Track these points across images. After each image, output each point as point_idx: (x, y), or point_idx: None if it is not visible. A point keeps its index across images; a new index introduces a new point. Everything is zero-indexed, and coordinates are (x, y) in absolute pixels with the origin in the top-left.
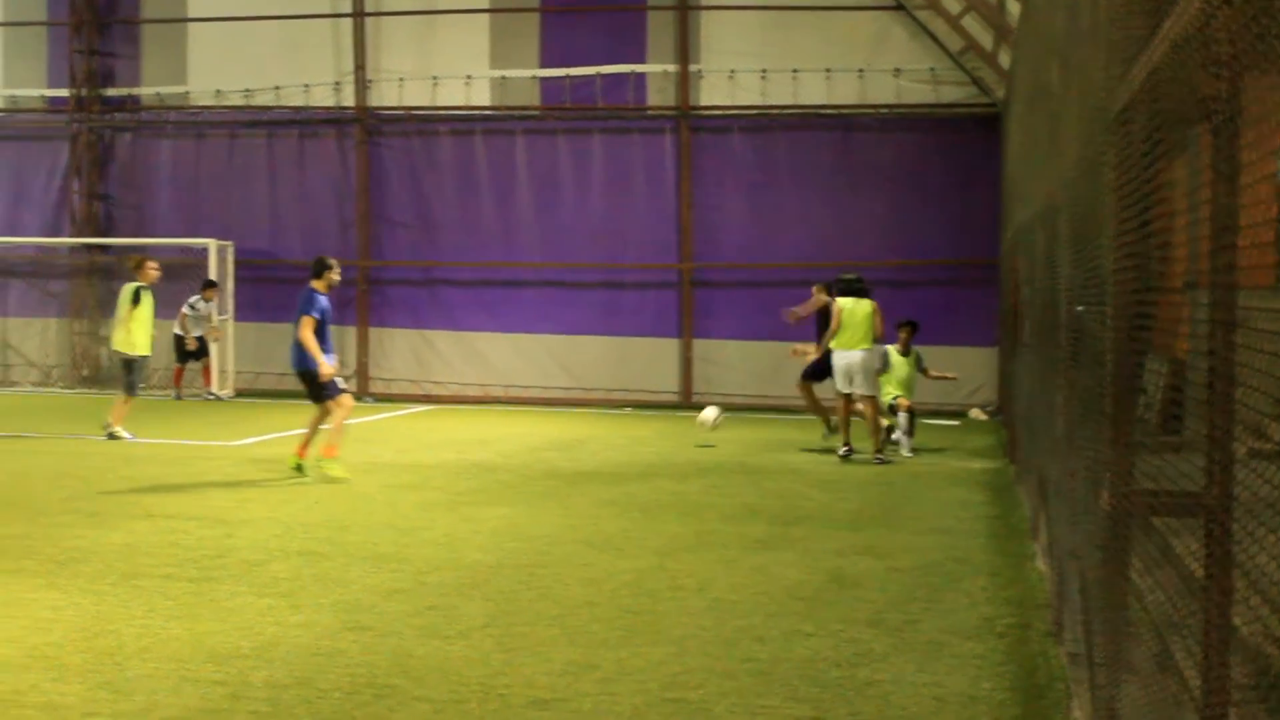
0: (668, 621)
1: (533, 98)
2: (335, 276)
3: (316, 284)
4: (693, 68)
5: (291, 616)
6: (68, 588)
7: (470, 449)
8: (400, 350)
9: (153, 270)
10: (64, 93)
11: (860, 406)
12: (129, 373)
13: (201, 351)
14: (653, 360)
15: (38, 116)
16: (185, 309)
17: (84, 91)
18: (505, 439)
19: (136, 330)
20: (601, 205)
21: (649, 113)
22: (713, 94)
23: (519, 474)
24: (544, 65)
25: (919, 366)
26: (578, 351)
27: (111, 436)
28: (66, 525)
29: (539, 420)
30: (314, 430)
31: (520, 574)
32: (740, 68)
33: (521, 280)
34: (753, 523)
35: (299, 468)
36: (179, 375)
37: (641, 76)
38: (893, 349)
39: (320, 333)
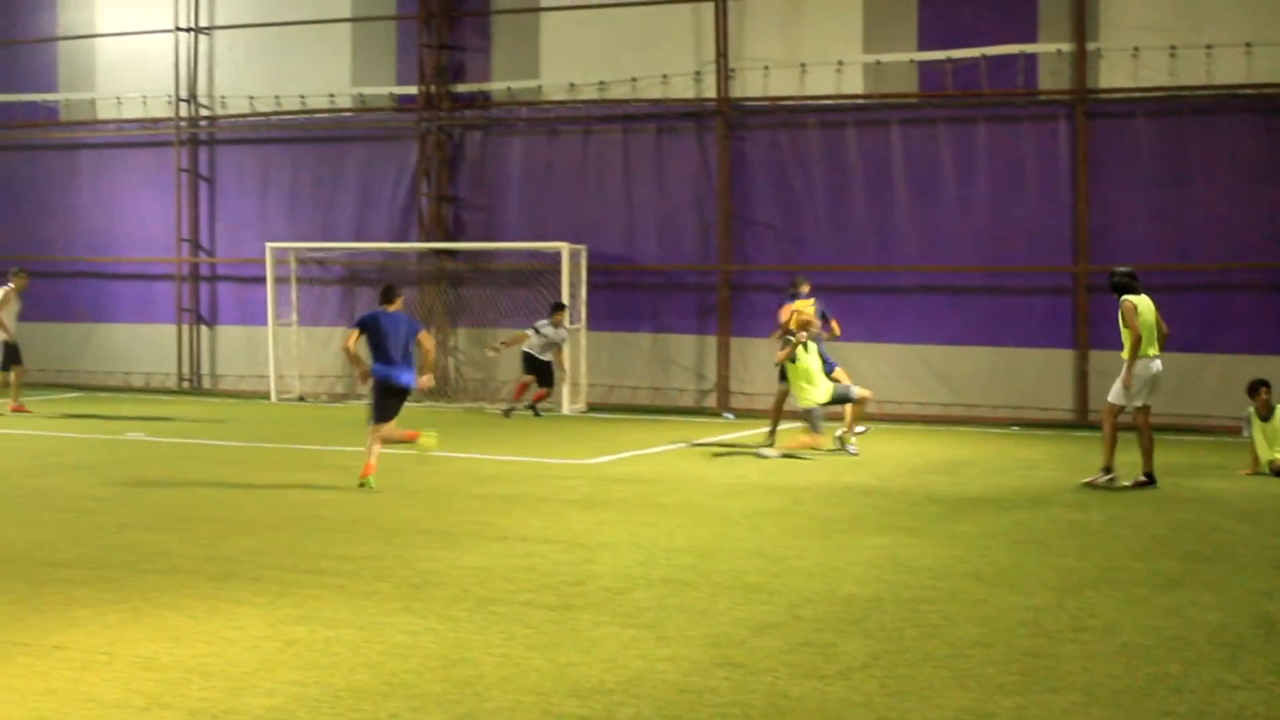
0: (1070, 666)
1: (910, 84)
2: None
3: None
4: (1090, 46)
5: (657, 649)
6: (424, 612)
7: (842, 470)
8: (763, 362)
9: None
10: (413, 90)
11: (1118, 420)
12: None
13: (546, 379)
14: (1043, 374)
15: (386, 115)
16: (530, 332)
17: (433, 88)
18: (880, 460)
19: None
20: (986, 202)
21: (1041, 98)
22: (1113, 75)
23: (897, 499)
24: (922, 48)
25: None
26: (959, 364)
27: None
28: (419, 546)
29: (916, 439)
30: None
31: (903, 609)
32: (1145, 44)
33: (897, 286)
34: (1163, 558)
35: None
36: (521, 390)
37: (1032, 57)
38: (1250, 413)
39: (382, 347)
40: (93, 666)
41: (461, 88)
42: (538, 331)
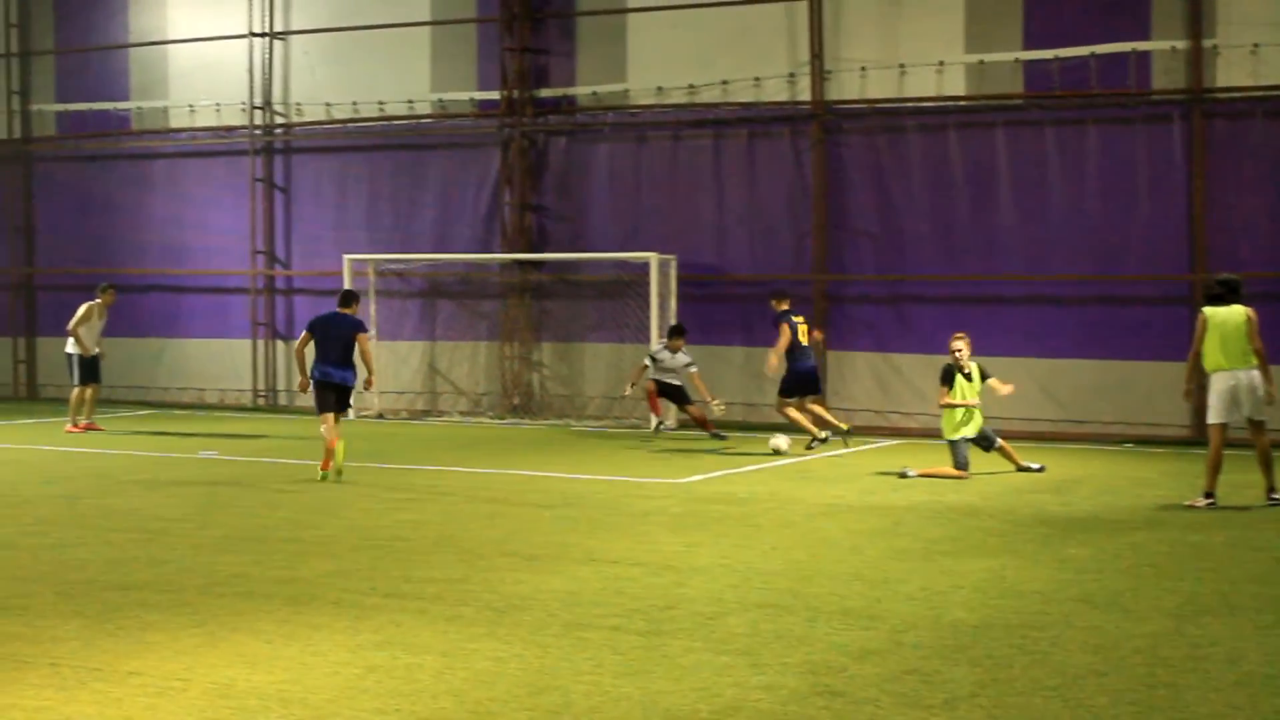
0: (1190, 696)
1: (1015, 84)
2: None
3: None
4: (1207, 43)
5: (753, 678)
6: (509, 638)
7: (945, 490)
8: (862, 376)
9: None
10: (495, 95)
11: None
12: None
13: (683, 398)
14: (1157, 388)
15: (467, 122)
16: (647, 363)
17: (516, 93)
18: (985, 479)
19: None
20: (1096, 207)
21: (1154, 98)
22: (1231, 73)
23: (1003, 519)
24: (1028, 46)
25: None
26: (1068, 378)
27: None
28: (503, 569)
29: (1023, 457)
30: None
31: (1012, 636)
32: (1266, 40)
33: (1002, 296)
34: None
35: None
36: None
37: (1145, 55)
38: None
39: (321, 346)
40: (168, 693)
41: (545, 92)
42: (654, 360)
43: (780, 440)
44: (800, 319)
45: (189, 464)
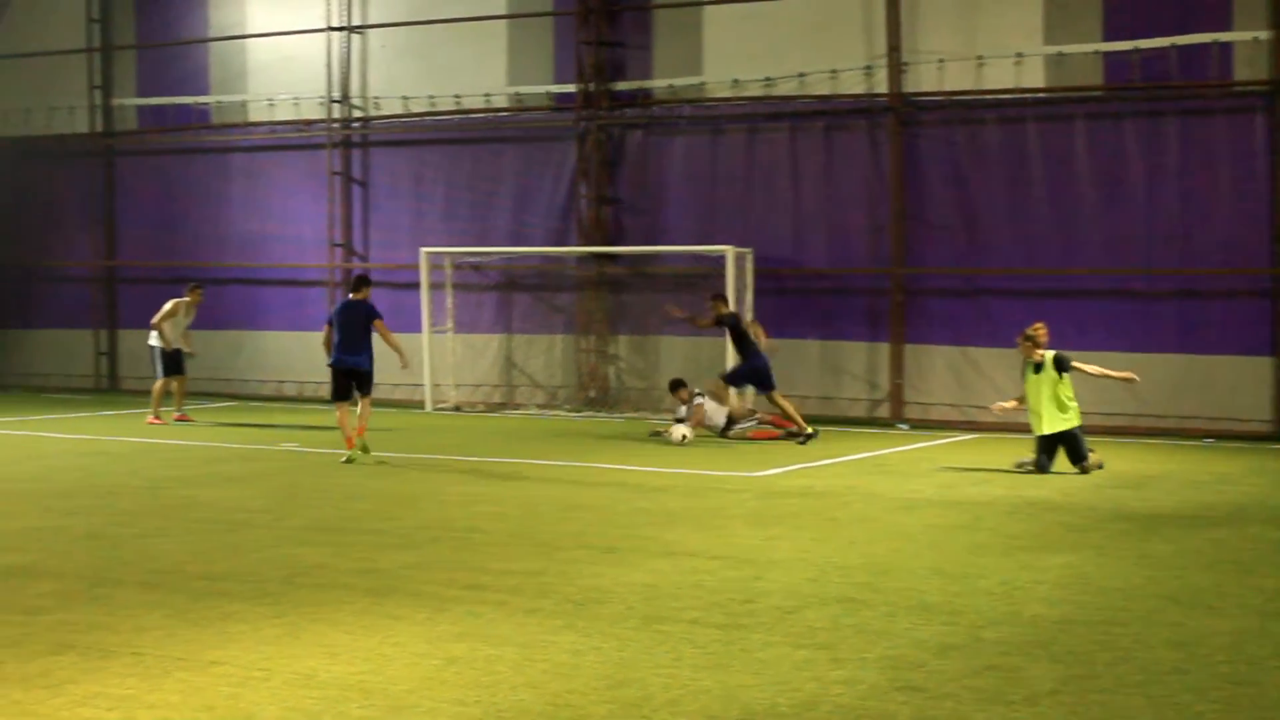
0: (1275, 694)
1: (1095, 76)
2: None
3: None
4: None
5: (832, 672)
6: (588, 630)
7: (1024, 485)
8: (939, 370)
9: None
10: (571, 88)
11: None
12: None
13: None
14: (1239, 383)
15: (543, 115)
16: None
17: (592, 86)
18: (1064, 474)
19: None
20: (1177, 200)
21: (1236, 89)
22: None
23: (1083, 515)
24: (1108, 38)
25: None
26: (1147, 372)
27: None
28: (582, 562)
29: (1102, 452)
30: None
31: (1093, 632)
32: None
33: (1081, 289)
34: None
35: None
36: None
37: (1226, 46)
38: None
39: (338, 333)
40: (250, 683)
41: (621, 85)
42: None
43: (679, 431)
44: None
45: (270, 456)
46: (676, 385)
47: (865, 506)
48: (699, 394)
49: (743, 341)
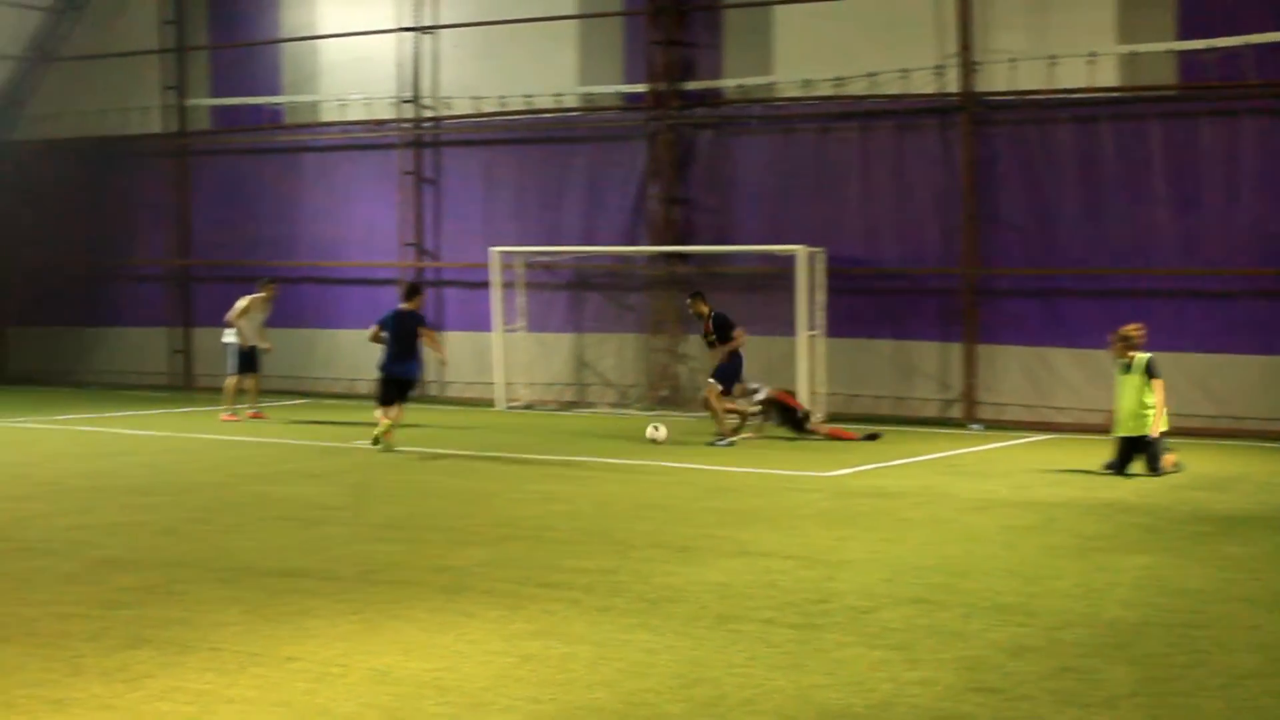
0: None
1: (1169, 75)
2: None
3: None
4: None
5: (907, 672)
6: (661, 629)
7: (1099, 486)
8: (1012, 371)
9: None
10: (641, 88)
11: None
12: None
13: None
14: None
15: (614, 115)
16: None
17: (662, 86)
18: (1139, 475)
19: None
20: (1253, 200)
21: None
22: None
23: (1160, 516)
24: (1182, 36)
25: None
26: (1223, 373)
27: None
28: (655, 561)
29: (1181, 453)
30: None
31: (1171, 634)
32: None
33: (1156, 290)
34: None
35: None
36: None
37: None
38: None
39: (389, 342)
40: (327, 679)
41: (692, 85)
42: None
43: (654, 430)
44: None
45: (344, 453)
46: None
47: (938, 507)
48: (755, 388)
49: (725, 337)
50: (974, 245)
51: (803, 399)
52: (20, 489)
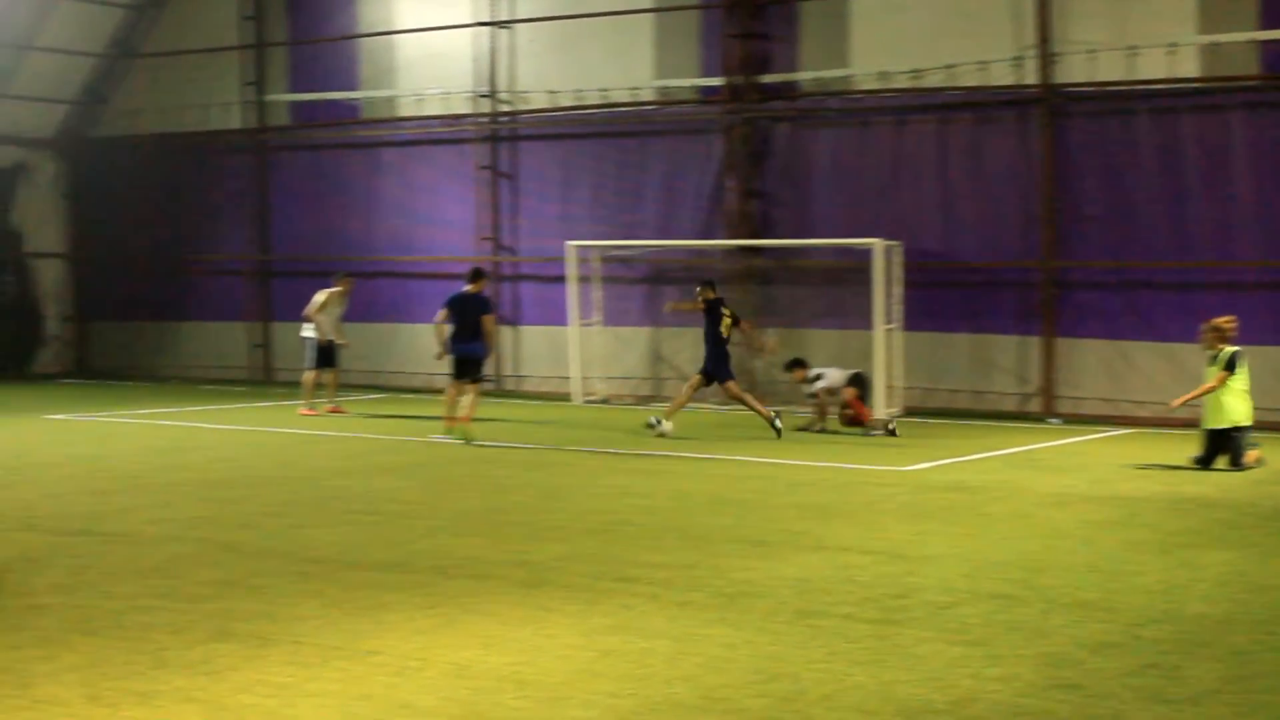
0: None
1: (1251, 66)
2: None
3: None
4: None
5: (988, 668)
6: (740, 624)
7: (1181, 481)
8: (1091, 365)
9: None
10: (717, 81)
11: None
12: None
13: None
14: None
15: (690, 108)
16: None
17: (739, 79)
18: (1222, 470)
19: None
20: None
21: None
22: None
23: (1243, 511)
24: (1265, 25)
25: None
26: None
27: None
28: (733, 555)
29: (1265, 449)
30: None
31: (1257, 631)
32: None
33: (1239, 283)
34: None
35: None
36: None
37: None
38: None
39: (456, 323)
40: (406, 672)
41: (768, 78)
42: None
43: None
44: (726, 310)
45: (420, 448)
46: (794, 364)
47: (1018, 502)
48: (818, 374)
49: (715, 328)
50: (1053, 238)
51: (879, 393)
52: (101, 483)
